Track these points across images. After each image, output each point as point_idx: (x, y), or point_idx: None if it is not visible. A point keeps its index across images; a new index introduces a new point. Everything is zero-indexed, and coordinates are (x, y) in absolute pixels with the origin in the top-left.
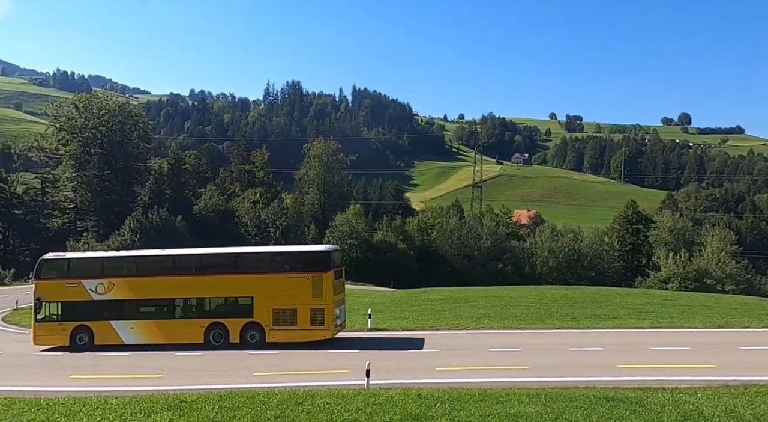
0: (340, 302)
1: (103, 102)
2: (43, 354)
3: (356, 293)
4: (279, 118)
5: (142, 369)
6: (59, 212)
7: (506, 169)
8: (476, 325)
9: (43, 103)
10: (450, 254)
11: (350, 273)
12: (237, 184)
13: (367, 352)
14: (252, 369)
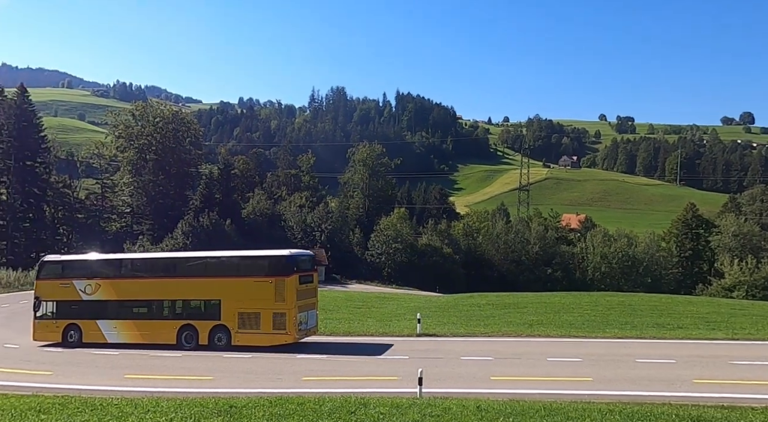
0: (308, 307)
1: (157, 110)
2: (97, 353)
3: (401, 297)
4: (324, 123)
5: (193, 370)
6: (117, 216)
7: (553, 172)
8: (531, 332)
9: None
10: (496, 259)
11: (395, 277)
12: (284, 188)
13: (417, 359)
14: (301, 373)
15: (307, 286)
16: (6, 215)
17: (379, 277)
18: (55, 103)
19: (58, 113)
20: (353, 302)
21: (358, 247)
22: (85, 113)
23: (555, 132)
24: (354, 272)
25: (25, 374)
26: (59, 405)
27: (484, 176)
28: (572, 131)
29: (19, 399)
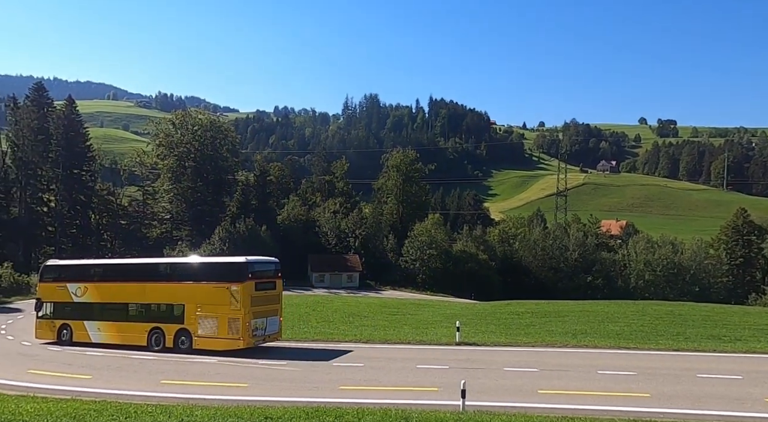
0: (266, 313)
1: (196, 119)
2: (135, 358)
3: (436, 304)
4: (357, 130)
5: (228, 376)
6: (158, 222)
7: (591, 177)
8: (577, 343)
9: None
10: (534, 266)
11: (429, 284)
12: (318, 194)
13: (458, 369)
14: (337, 382)
15: (267, 293)
16: (54, 221)
17: (414, 283)
18: (101, 114)
19: (104, 124)
20: (388, 308)
21: (392, 253)
22: (129, 124)
23: (592, 136)
24: (388, 279)
25: (66, 377)
26: (94, 411)
27: (519, 181)
28: (610, 135)
29: (56, 404)
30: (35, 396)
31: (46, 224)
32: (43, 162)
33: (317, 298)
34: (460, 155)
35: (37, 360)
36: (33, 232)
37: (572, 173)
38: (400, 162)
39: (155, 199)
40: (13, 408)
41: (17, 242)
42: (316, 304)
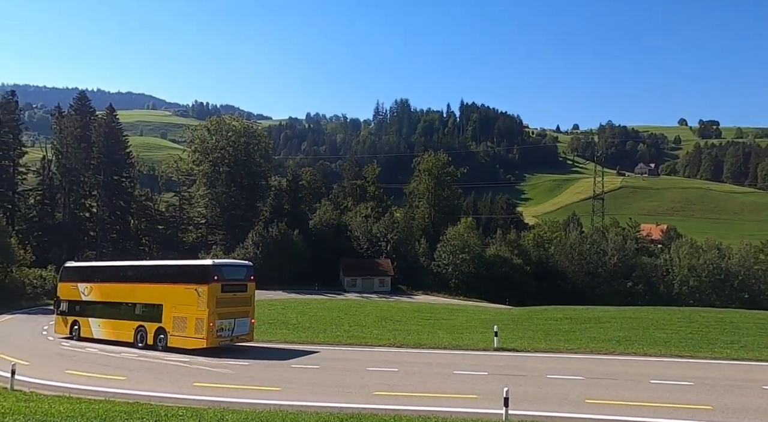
0: (234, 314)
1: (230, 125)
2: (168, 360)
3: (470, 309)
4: (388, 136)
5: (260, 380)
6: (193, 227)
7: (629, 180)
8: (624, 350)
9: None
10: (570, 271)
11: (462, 289)
12: (349, 199)
13: (497, 376)
14: (371, 387)
15: (235, 295)
16: (96, 226)
17: (446, 288)
18: (141, 123)
19: (143, 133)
20: (421, 313)
21: (424, 257)
22: (167, 132)
23: (630, 139)
24: (420, 283)
25: (101, 378)
26: (125, 413)
27: (552, 185)
28: (649, 137)
29: (89, 405)
30: (70, 396)
31: (88, 229)
32: (85, 169)
33: (349, 302)
34: (491, 159)
35: (74, 361)
36: (76, 236)
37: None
38: (431, 165)
39: (191, 204)
40: (46, 408)
41: (61, 247)
42: (348, 308)
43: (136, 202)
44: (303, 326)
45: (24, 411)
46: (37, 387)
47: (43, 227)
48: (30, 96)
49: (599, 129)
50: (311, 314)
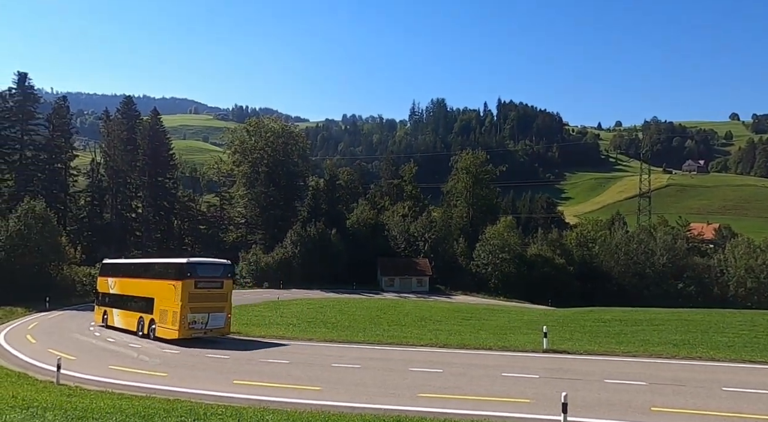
0: (210, 309)
1: (268, 126)
2: (209, 357)
3: (511, 309)
4: (424, 135)
5: (301, 379)
6: (234, 227)
7: (676, 178)
8: (688, 354)
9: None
10: (616, 271)
11: (502, 289)
12: (386, 198)
13: (549, 379)
14: (416, 388)
15: (210, 291)
16: (141, 226)
17: (486, 288)
18: (184, 127)
19: (186, 136)
20: (461, 313)
21: (462, 257)
22: (208, 136)
23: (676, 135)
24: (458, 283)
25: (143, 374)
26: (164, 410)
27: (594, 184)
28: (697, 133)
29: (129, 401)
30: (112, 392)
31: (134, 229)
32: (131, 171)
33: (387, 302)
34: (530, 157)
35: (118, 357)
36: (123, 236)
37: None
38: (469, 164)
39: (231, 204)
40: (86, 403)
41: (109, 246)
42: (386, 307)
43: (179, 203)
44: (342, 325)
45: (65, 405)
46: (82, 381)
47: (92, 228)
48: (81, 103)
49: (644, 126)
50: (350, 313)
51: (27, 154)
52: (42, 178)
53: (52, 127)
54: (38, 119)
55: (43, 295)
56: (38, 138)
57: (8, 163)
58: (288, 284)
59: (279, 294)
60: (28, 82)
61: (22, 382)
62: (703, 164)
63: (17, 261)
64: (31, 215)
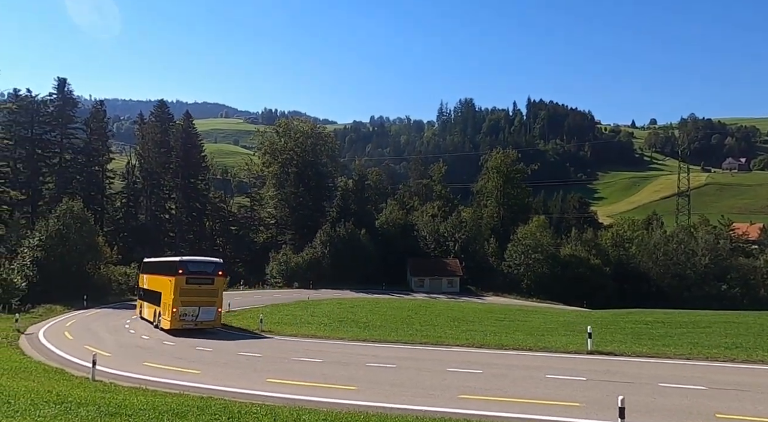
0: (200, 304)
1: (298, 126)
2: (242, 354)
3: (546, 310)
4: (452, 136)
5: (335, 378)
6: (264, 227)
7: (715, 176)
8: (749, 357)
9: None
10: (654, 272)
11: (535, 290)
12: (415, 198)
13: (598, 382)
14: (455, 389)
15: (201, 287)
16: (174, 227)
17: (518, 289)
18: (215, 131)
19: (217, 140)
20: (494, 314)
21: (493, 257)
22: (239, 139)
23: (715, 132)
24: (490, 284)
25: (177, 371)
26: (197, 408)
27: (628, 183)
28: (738, 130)
29: (163, 398)
30: (146, 388)
31: (168, 230)
32: (164, 172)
33: (418, 302)
34: (561, 157)
35: (152, 353)
36: (157, 237)
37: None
38: (500, 163)
39: (261, 205)
40: (120, 400)
41: (144, 246)
42: (417, 308)
43: (211, 204)
44: (373, 325)
45: (99, 401)
46: (117, 378)
47: (128, 228)
48: (118, 109)
49: (680, 123)
50: (381, 313)
51: (66, 157)
52: (80, 180)
53: (89, 130)
54: (76, 123)
55: (81, 293)
56: (77, 142)
57: (49, 166)
58: (318, 284)
59: (309, 294)
60: (67, 88)
61: (58, 378)
62: (745, 162)
63: (56, 260)
64: (70, 215)
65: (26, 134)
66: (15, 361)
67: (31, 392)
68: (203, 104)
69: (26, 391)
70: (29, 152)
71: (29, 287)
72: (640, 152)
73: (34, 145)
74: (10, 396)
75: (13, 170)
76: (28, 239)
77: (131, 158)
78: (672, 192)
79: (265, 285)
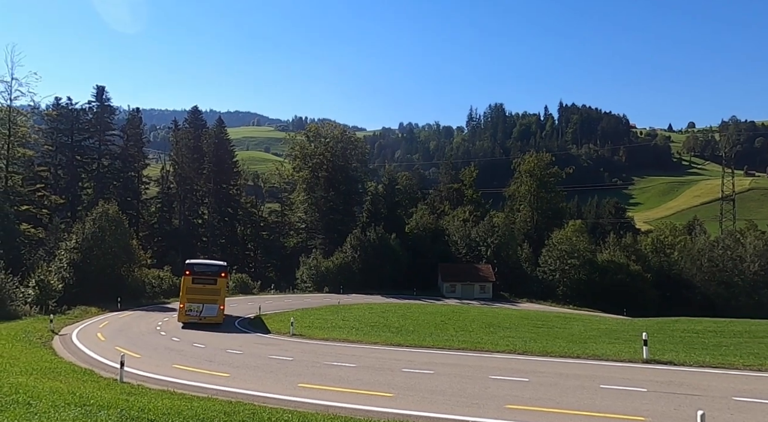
0: (204, 301)
1: (328, 131)
2: (273, 358)
3: (585, 318)
4: (482, 141)
5: (371, 384)
6: (294, 232)
7: (760, 181)
8: None
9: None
10: (698, 279)
11: (571, 297)
12: (446, 203)
13: (662, 394)
14: (501, 398)
15: (205, 286)
16: (207, 232)
17: (553, 296)
18: (247, 139)
19: (249, 147)
20: (530, 320)
21: (527, 263)
22: (270, 146)
23: (759, 135)
24: (523, 290)
25: (206, 374)
26: (224, 413)
27: (666, 188)
28: None
29: (189, 402)
30: (173, 391)
31: (201, 235)
32: (197, 177)
33: (451, 307)
34: (594, 162)
35: (182, 355)
36: (190, 242)
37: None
38: (533, 166)
39: (292, 210)
40: (144, 403)
41: (177, 251)
42: (450, 313)
43: (243, 209)
44: (406, 329)
45: (122, 404)
46: (145, 380)
47: (162, 233)
48: (155, 118)
49: (721, 126)
50: (413, 318)
51: (104, 163)
52: (117, 186)
53: (126, 137)
54: (114, 130)
55: (116, 296)
56: (114, 148)
57: (87, 172)
58: (348, 288)
59: (339, 299)
60: (105, 95)
61: (86, 379)
62: None
63: (92, 262)
64: (105, 218)
65: (66, 140)
66: (46, 361)
67: (54, 393)
68: (235, 113)
69: (50, 392)
70: (69, 159)
71: (65, 289)
72: (678, 157)
73: (74, 151)
74: (33, 397)
75: (54, 175)
76: (65, 242)
77: (165, 164)
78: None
79: (296, 290)
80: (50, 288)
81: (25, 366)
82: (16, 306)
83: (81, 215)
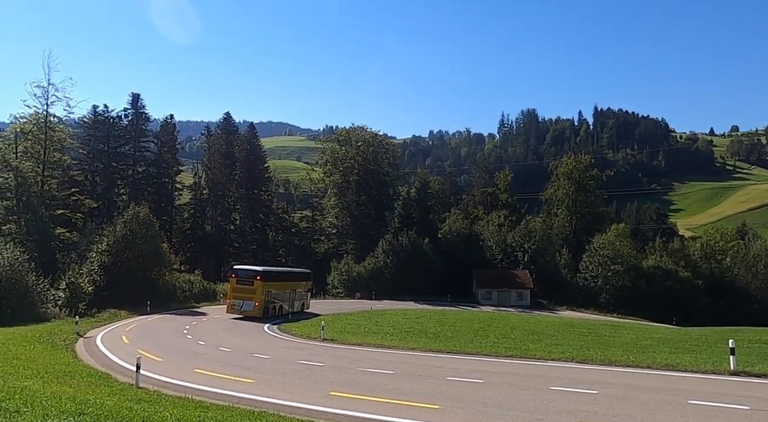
0: (243, 298)
1: (359, 134)
2: (303, 363)
3: (633, 326)
4: (514, 147)
5: (412, 394)
6: (325, 238)
7: None
8: None
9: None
10: (754, 287)
11: (615, 304)
12: (480, 207)
13: (765, 411)
14: (569, 413)
15: (245, 287)
16: (239, 237)
17: (595, 303)
18: (279, 148)
19: (281, 157)
20: (575, 328)
21: (566, 269)
22: (302, 155)
23: None
24: (563, 297)
25: (229, 379)
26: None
27: (709, 194)
28: None
29: (204, 412)
30: (191, 398)
31: (233, 241)
32: (229, 183)
33: (488, 314)
34: (632, 166)
35: (205, 360)
36: (222, 247)
37: None
38: (572, 169)
39: (323, 215)
40: (150, 413)
41: (209, 256)
42: (488, 320)
43: (274, 215)
44: (444, 336)
45: (124, 413)
46: (163, 385)
47: (194, 239)
48: (190, 130)
49: (767, 129)
50: (449, 324)
51: (138, 169)
52: (151, 191)
53: (159, 143)
54: (148, 137)
55: (145, 299)
56: (148, 155)
57: (123, 178)
58: (380, 294)
59: (372, 304)
60: (140, 103)
61: (99, 383)
62: None
63: (122, 265)
64: (136, 220)
65: (103, 147)
66: (63, 364)
67: (53, 399)
68: (268, 123)
69: (50, 398)
70: (106, 165)
71: (95, 292)
72: (722, 161)
73: (110, 158)
74: (26, 404)
75: (91, 182)
76: (97, 245)
77: (198, 170)
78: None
79: (327, 295)
80: (80, 290)
81: (39, 369)
82: (47, 309)
83: (116, 221)
